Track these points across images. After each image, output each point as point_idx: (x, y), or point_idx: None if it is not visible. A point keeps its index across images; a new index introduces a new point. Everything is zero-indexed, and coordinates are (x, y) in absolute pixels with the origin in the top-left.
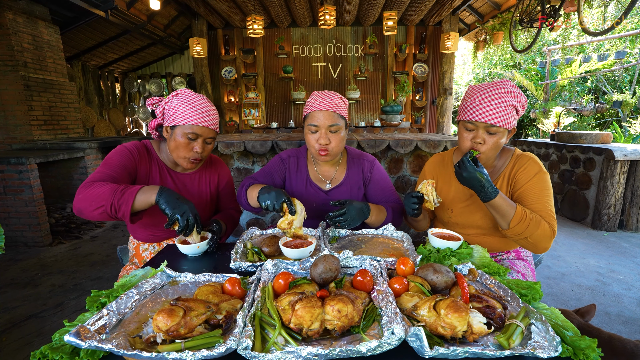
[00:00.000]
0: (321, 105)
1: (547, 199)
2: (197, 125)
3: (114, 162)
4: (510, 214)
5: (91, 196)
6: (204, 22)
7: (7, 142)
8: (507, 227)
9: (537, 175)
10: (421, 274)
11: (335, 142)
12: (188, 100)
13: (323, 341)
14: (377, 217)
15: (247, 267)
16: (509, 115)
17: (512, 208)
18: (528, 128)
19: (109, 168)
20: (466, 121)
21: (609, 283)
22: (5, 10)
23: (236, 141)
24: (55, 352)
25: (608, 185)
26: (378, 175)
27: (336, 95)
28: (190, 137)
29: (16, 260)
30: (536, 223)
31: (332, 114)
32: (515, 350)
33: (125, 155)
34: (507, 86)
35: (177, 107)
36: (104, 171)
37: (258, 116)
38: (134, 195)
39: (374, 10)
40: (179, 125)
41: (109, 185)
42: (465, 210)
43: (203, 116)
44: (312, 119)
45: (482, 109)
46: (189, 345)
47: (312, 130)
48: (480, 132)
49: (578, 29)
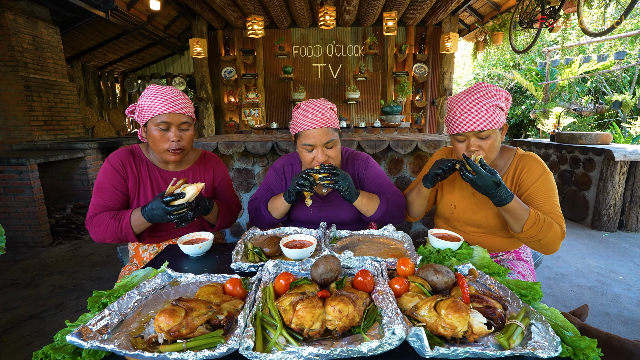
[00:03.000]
0: (313, 123)
1: (554, 199)
2: (164, 113)
3: (104, 186)
4: (524, 217)
5: (100, 233)
6: (204, 23)
7: (8, 143)
8: (520, 230)
9: (542, 176)
10: (422, 274)
11: (334, 155)
12: (153, 93)
13: (324, 341)
14: (367, 201)
15: (248, 268)
16: (494, 115)
17: (526, 211)
18: (528, 129)
19: (101, 197)
20: (455, 134)
21: (609, 283)
22: (6, 10)
23: (236, 142)
24: (57, 352)
25: (608, 186)
26: (373, 172)
27: (325, 106)
28: (162, 127)
29: (16, 261)
30: (548, 225)
31: (327, 130)
32: (515, 351)
33: (111, 174)
34: (481, 89)
35: (144, 104)
36: (98, 202)
37: (258, 117)
38: (130, 227)
39: (373, 10)
40: (149, 119)
41: (107, 221)
42: (467, 208)
43: (168, 103)
44: (305, 138)
45: (465, 118)
46: (191, 345)
47: (307, 149)
48: (472, 140)
49: (578, 30)
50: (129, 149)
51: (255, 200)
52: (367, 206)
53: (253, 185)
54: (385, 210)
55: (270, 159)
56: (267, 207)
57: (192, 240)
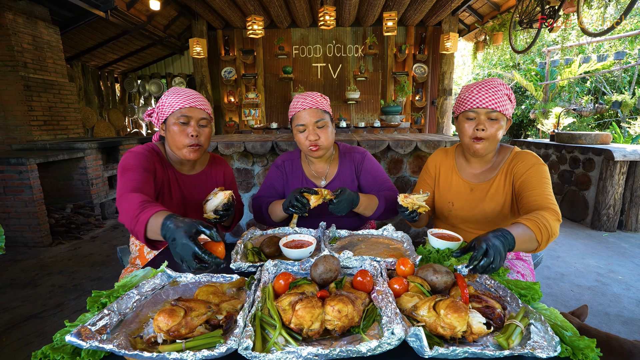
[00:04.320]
0: (304, 105)
1: (546, 185)
2: (185, 107)
3: (130, 166)
4: (531, 235)
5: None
6: (203, 23)
7: (7, 143)
8: (537, 245)
9: (534, 165)
10: (421, 274)
11: (324, 136)
12: (173, 92)
13: (323, 341)
14: (367, 205)
15: (248, 268)
16: (505, 102)
17: (528, 229)
18: (528, 129)
19: (131, 176)
20: (467, 110)
21: (609, 283)
22: (5, 10)
23: (236, 141)
24: (56, 352)
25: (607, 186)
26: (369, 165)
27: (316, 94)
28: (182, 121)
29: (16, 261)
30: (548, 219)
31: (316, 110)
32: (514, 350)
33: (143, 157)
34: (497, 80)
35: (164, 101)
36: (126, 182)
37: (258, 117)
38: (145, 222)
39: (373, 10)
40: (169, 115)
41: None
42: (465, 205)
43: (189, 98)
44: (298, 119)
45: (481, 96)
46: (190, 345)
47: (300, 130)
48: (482, 118)
49: (577, 30)
50: (149, 145)
51: (258, 198)
52: (366, 210)
53: (253, 185)
54: (383, 209)
55: (270, 159)
56: (267, 210)
57: None
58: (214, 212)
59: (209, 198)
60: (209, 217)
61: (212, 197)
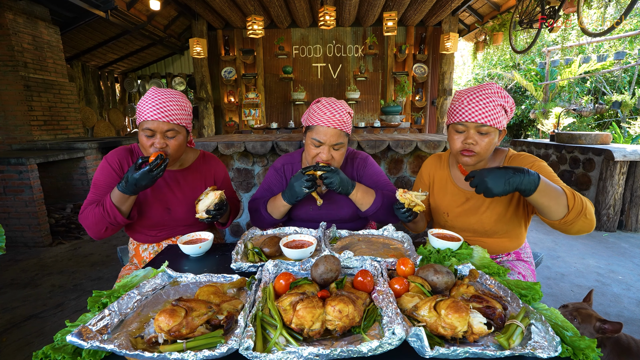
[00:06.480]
0: (329, 122)
1: (556, 179)
2: (148, 120)
3: (99, 183)
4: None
5: (90, 223)
6: (203, 23)
7: (7, 143)
8: (566, 210)
9: (535, 163)
10: (422, 274)
11: (337, 158)
12: (146, 98)
13: (324, 341)
14: (363, 195)
15: (248, 268)
16: (498, 114)
17: (560, 188)
18: (528, 129)
19: (95, 193)
20: (456, 123)
21: (609, 283)
22: (6, 10)
23: (236, 142)
24: (57, 352)
25: (607, 186)
26: (371, 170)
27: (344, 110)
28: (147, 134)
29: (16, 261)
30: (582, 197)
31: (339, 132)
32: (515, 351)
33: (107, 173)
34: (493, 87)
35: (138, 107)
36: (91, 198)
37: (258, 117)
38: (114, 205)
39: (373, 10)
40: (139, 122)
41: (93, 210)
42: (461, 214)
43: (155, 109)
44: (316, 132)
45: (471, 109)
46: (191, 345)
47: (315, 144)
48: (472, 132)
49: (577, 30)
50: (128, 147)
51: (255, 200)
52: (362, 200)
53: (253, 185)
54: (380, 204)
55: (270, 159)
56: (266, 209)
57: (192, 240)
58: (206, 212)
59: (201, 198)
60: (201, 217)
61: (203, 197)
